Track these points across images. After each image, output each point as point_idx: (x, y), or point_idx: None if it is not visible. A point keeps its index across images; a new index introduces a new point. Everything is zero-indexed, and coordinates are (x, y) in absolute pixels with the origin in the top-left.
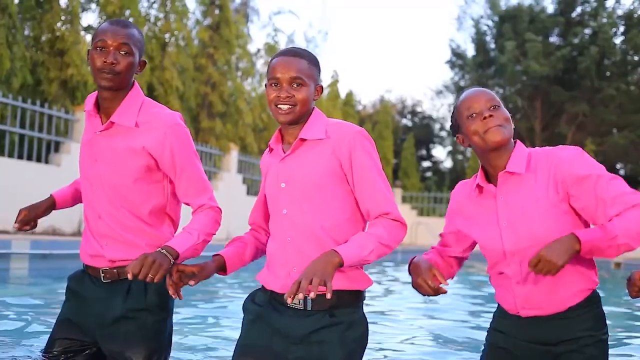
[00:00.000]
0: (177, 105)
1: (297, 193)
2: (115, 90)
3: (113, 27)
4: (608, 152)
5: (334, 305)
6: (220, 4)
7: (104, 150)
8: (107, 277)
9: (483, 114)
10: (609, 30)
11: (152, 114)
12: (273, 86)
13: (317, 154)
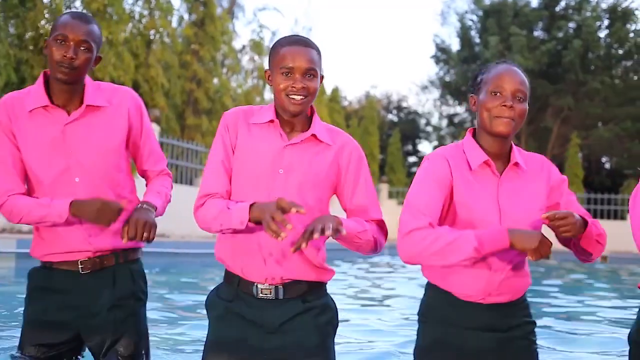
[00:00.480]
0: (163, 102)
1: (294, 183)
2: (71, 83)
3: (75, 21)
4: (593, 145)
5: (305, 292)
6: (205, 0)
7: (84, 137)
8: (87, 268)
9: (507, 99)
10: (593, 24)
11: (114, 89)
12: (284, 75)
13: (321, 154)
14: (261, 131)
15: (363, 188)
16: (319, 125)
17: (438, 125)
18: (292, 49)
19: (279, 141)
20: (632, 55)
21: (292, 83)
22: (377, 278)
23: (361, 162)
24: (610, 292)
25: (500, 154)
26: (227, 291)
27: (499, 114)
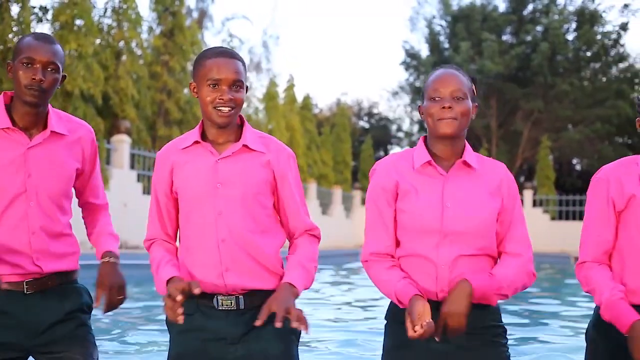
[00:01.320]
0: (133, 114)
1: (236, 195)
2: (39, 106)
3: (40, 43)
4: (564, 147)
5: (266, 300)
6: (173, 10)
7: (42, 162)
8: (32, 289)
9: (445, 101)
10: (561, 27)
11: (74, 121)
12: (211, 87)
13: (255, 162)
14: (192, 153)
15: (295, 196)
16: (250, 134)
17: (409, 131)
18: (217, 61)
19: (211, 157)
20: (600, 57)
21: (219, 95)
22: (345, 283)
23: (295, 170)
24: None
25: (452, 155)
26: (186, 305)
27: (441, 116)
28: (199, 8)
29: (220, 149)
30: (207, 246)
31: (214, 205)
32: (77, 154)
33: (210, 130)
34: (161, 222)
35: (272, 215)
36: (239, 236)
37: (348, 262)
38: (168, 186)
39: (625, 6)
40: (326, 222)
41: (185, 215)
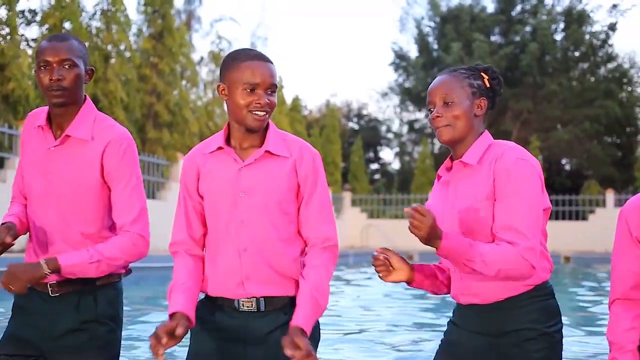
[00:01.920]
0: (122, 117)
1: (258, 204)
2: (67, 105)
3: (52, 43)
4: (553, 147)
5: (286, 304)
6: (162, 12)
7: (60, 166)
8: (55, 292)
9: (436, 111)
10: (549, 27)
11: (106, 127)
12: (247, 91)
13: (278, 168)
14: (216, 159)
15: (320, 201)
16: (274, 138)
17: (399, 132)
18: (253, 64)
19: (234, 164)
20: (588, 57)
21: (256, 99)
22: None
23: (321, 174)
24: (574, 292)
25: (459, 154)
26: (208, 304)
27: (435, 125)
28: (187, 10)
29: (244, 155)
30: (228, 254)
31: (236, 214)
32: (94, 161)
33: (236, 134)
34: (188, 225)
35: (295, 222)
36: (261, 245)
37: (339, 262)
38: (195, 190)
39: (614, 6)
40: None
41: (209, 222)
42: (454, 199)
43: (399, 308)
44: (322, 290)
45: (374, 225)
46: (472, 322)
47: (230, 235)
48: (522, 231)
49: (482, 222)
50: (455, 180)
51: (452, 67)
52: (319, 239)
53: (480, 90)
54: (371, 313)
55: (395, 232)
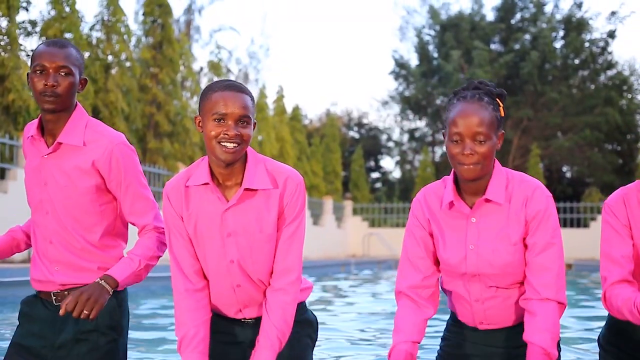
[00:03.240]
0: (123, 127)
1: (245, 245)
2: (59, 112)
3: (50, 48)
4: (553, 155)
5: None
6: (162, 22)
7: (54, 173)
8: (59, 300)
9: (465, 147)
10: (549, 35)
11: (99, 132)
12: (216, 122)
13: (263, 204)
14: (200, 195)
15: (290, 230)
16: (253, 171)
17: (399, 141)
18: (224, 94)
19: (219, 204)
20: (588, 65)
21: (224, 130)
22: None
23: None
24: (576, 299)
25: (476, 191)
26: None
27: (462, 161)
28: (186, 20)
29: (228, 193)
30: (222, 289)
31: (225, 254)
32: (95, 166)
33: (216, 169)
34: (185, 268)
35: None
36: (254, 280)
37: (340, 271)
38: (183, 228)
39: (613, 13)
40: (317, 233)
41: (199, 258)
42: (478, 238)
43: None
44: (287, 326)
45: (375, 234)
46: (486, 340)
47: (221, 272)
48: (561, 286)
49: (514, 265)
50: (478, 217)
51: (473, 90)
52: (284, 276)
53: (499, 121)
54: (373, 322)
55: (397, 240)
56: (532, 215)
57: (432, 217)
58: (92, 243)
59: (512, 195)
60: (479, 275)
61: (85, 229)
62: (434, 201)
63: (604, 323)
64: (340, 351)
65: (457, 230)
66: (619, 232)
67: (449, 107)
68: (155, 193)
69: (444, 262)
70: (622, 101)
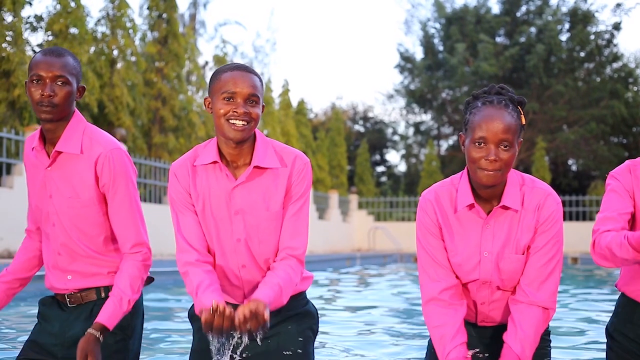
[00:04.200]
0: (129, 122)
1: (253, 224)
2: (56, 121)
3: (46, 57)
4: (559, 148)
5: (287, 305)
6: (167, 17)
7: (58, 185)
8: (73, 302)
9: (490, 152)
10: (555, 28)
11: (94, 139)
12: (225, 100)
13: (272, 183)
14: (208, 173)
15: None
16: (262, 150)
17: (405, 134)
18: (234, 74)
19: (227, 182)
20: (593, 57)
21: (233, 108)
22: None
23: (306, 183)
24: (583, 293)
25: (492, 197)
26: None
27: (484, 167)
28: (191, 14)
29: (237, 173)
30: (228, 270)
31: (232, 232)
32: (87, 176)
33: (226, 149)
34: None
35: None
36: (259, 261)
37: (345, 265)
38: (190, 205)
39: (618, 5)
40: (323, 227)
41: (207, 238)
42: (492, 245)
43: (406, 310)
44: (289, 286)
45: (381, 228)
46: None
47: (228, 252)
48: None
49: (521, 270)
50: (493, 224)
51: (496, 95)
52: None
53: (521, 129)
54: (379, 314)
55: (402, 234)
56: (542, 221)
57: (444, 220)
58: (97, 251)
59: (524, 202)
60: (490, 282)
61: (89, 238)
62: (446, 203)
63: (612, 313)
64: (346, 345)
65: (469, 236)
66: (621, 195)
67: (472, 110)
68: (160, 187)
69: (455, 268)
70: (628, 94)
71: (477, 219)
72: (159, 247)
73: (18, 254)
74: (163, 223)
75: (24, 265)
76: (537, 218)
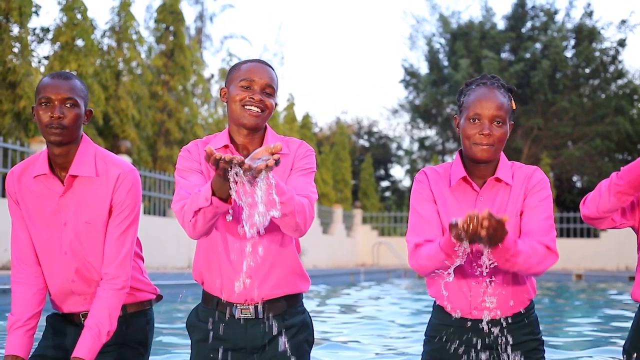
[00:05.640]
0: (134, 134)
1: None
2: (65, 144)
3: (55, 81)
4: (564, 164)
5: (284, 310)
6: (174, 30)
7: (73, 209)
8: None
9: (484, 127)
10: (560, 44)
11: (110, 162)
12: (243, 88)
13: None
14: None
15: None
16: (272, 138)
17: (409, 149)
18: (252, 65)
19: None
20: (598, 74)
21: (250, 94)
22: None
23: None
24: (587, 309)
25: (486, 173)
26: (205, 313)
27: (478, 141)
28: (197, 27)
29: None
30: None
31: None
32: (105, 199)
33: (238, 137)
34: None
35: None
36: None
37: (349, 280)
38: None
39: (623, 22)
40: (327, 241)
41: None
42: None
43: (411, 323)
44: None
45: (385, 243)
46: (474, 336)
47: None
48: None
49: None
50: (485, 195)
51: (491, 77)
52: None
53: (512, 111)
54: (383, 328)
55: (406, 249)
56: (530, 187)
57: (439, 194)
58: (100, 274)
59: (514, 176)
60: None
61: (101, 261)
62: (442, 178)
63: (630, 329)
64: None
65: (463, 208)
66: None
67: (467, 92)
68: (164, 200)
69: None
70: (633, 110)
71: (471, 192)
72: (163, 260)
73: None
74: (167, 236)
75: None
76: (525, 185)
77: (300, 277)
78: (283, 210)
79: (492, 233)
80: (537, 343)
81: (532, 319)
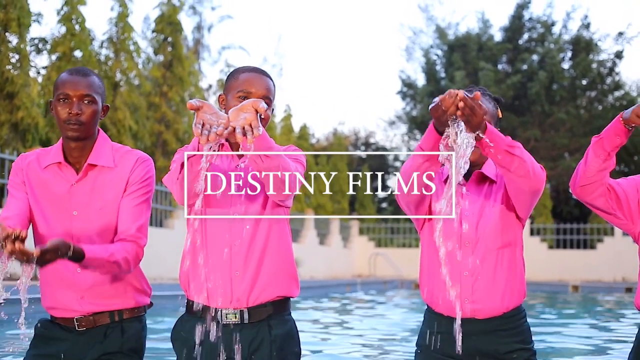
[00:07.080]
0: (131, 145)
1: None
2: (82, 139)
3: (73, 77)
4: (561, 175)
5: (270, 314)
6: (172, 41)
7: (87, 199)
8: (83, 325)
9: None
10: (557, 56)
11: (125, 152)
12: (241, 99)
13: None
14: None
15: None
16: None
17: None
18: (250, 75)
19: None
20: (595, 86)
21: None
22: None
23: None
24: (584, 321)
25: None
26: (190, 323)
27: None
28: (195, 38)
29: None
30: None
31: (238, 212)
32: (123, 185)
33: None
34: None
35: None
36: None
37: (346, 291)
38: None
39: (620, 34)
40: (324, 252)
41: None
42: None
43: (406, 335)
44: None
45: (382, 254)
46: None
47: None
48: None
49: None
50: (472, 188)
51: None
52: None
53: (498, 120)
54: (379, 340)
55: (403, 260)
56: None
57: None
58: None
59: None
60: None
61: None
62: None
63: (634, 342)
64: None
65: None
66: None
67: None
68: (162, 211)
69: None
70: None
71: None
72: (160, 271)
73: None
74: (165, 247)
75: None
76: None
77: (290, 280)
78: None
79: (470, 113)
80: (529, 353)
81: (523, 328)
